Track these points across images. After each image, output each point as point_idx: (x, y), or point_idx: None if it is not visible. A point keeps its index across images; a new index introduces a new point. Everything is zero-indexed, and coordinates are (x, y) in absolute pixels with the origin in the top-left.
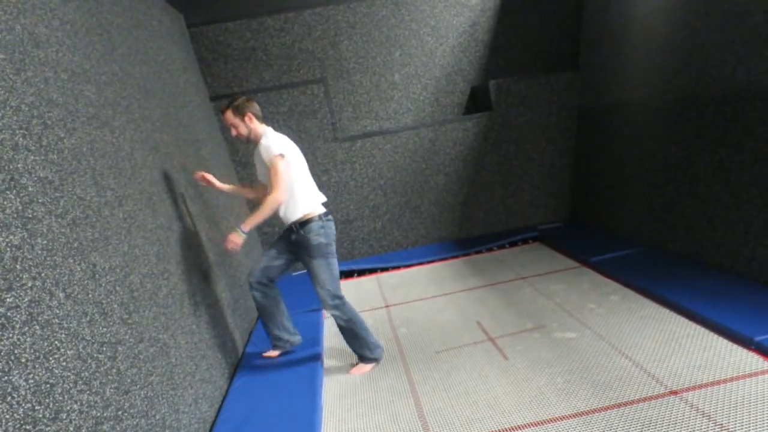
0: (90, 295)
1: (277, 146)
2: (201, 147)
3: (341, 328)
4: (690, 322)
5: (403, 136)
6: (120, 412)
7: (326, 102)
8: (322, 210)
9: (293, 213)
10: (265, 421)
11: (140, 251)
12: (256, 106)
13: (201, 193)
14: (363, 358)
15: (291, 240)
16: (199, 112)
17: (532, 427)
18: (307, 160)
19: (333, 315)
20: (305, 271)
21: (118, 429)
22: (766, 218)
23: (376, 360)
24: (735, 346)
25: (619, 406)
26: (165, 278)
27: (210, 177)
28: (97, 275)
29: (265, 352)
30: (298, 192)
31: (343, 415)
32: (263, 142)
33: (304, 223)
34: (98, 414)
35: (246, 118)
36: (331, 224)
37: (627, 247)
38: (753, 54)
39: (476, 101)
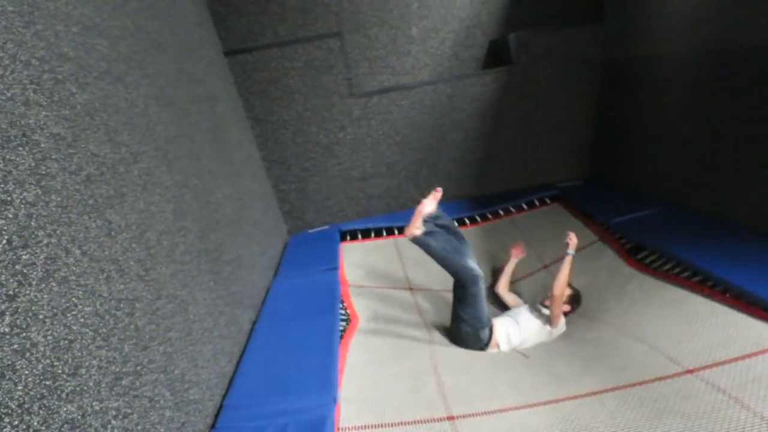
0: (106, 252)
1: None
2: (216, 103)
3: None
4: (709, 300)
5: (420, 91)
6: (139, 368)
7: (342, 57)
8: None
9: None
10: (283, 376)
11: (156, 208)
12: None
13: (218, 150)
14: None
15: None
16: (214, 68)
17: (548, 405)
18: (323, 117)
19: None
20: (324, 228)
21: (137, 384)
22: None
23: None
24: (755, 319)
25: (633, 385)
26: (182, 235)
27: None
28: (113, 232)
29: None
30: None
31: (364, 383)
32: (559, 330)
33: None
34: (117, 369)
35: (566, 306)
36: None
37: (648, 207)
38: None
39: (495, 55)
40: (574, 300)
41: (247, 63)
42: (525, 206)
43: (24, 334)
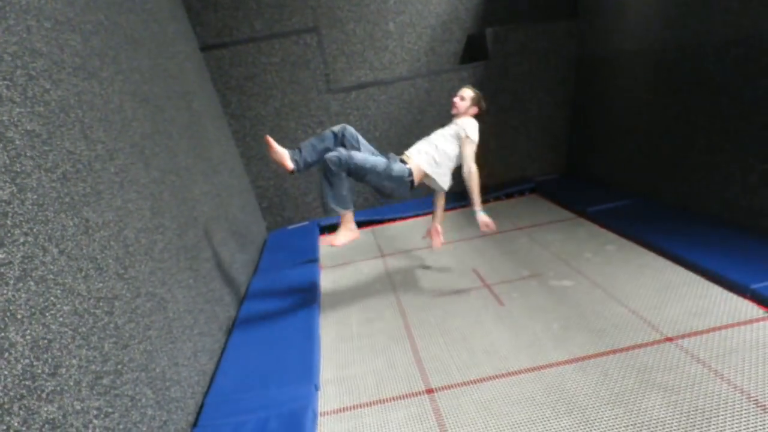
0: (84, 251)
1: (475, 134)
2: (193, 99)
3: (327, 176)
4: (686, 271)
5: (398, 86)
6: (119, 366)
7: (319, 52)
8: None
9: (446, 183)
10: (264, 369)
11: (134, 206)
12: (483, 108)
13: (195, 146)
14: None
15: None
16: (190, 63)
17: (528, 373)
18: (300, 113)
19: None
20: (304, 223)
21: (118, 382)
22: (765, 168)
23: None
24: (731, 294)
25: (614, 352)
26: (160, 233)
27: (438, 230)
28: (90, 230)
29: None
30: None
31: (341, 361)
32: (468, 123)
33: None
34: (97, 368)
35: (472, 109)
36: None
37: (624, 198)
38: (758, 0)
39: (472, 50)
40: (478, 101)
41: (223, 58)
42: (503, 197)
43: (2, 334)
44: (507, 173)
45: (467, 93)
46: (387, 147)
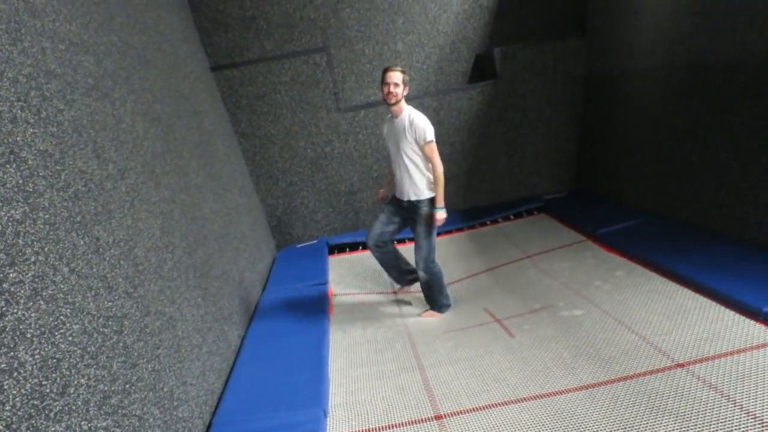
0: (94, 269)
1: (431, 132)
2: (203, 119)
3: (422, 284)
4: (697, 295)
5: None
6: (128, 386)
7: (329, 71)
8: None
9: (422, 191)
10: (273, 391)
11: (144, 224)
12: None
13: (205, 165)
14: (434, 307)
15: (402, 207)
16: (201, 83)
17: (537, 399)
18: (310, 132)
19: (420, 275)
20: (313, 242)
21: (126, 402)
22: None
23: (441, 308)
24: (743, 317)
25: (624, 379)
26: (170, 251)
27: (382, 195)
28: (101, 249)
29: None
30: (428, 174)
31: (350, 386)
32: (416, 120)
33: (422, 200)
34: (106, 388)
35: (405, 89)
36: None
37: (633, 218)
38: (765, 18)
39: (481, 69)
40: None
41: (234, 78)
42: (512, 216)
43: (11, 353)
44: (516, 191)
45: (397, 77)
46: None
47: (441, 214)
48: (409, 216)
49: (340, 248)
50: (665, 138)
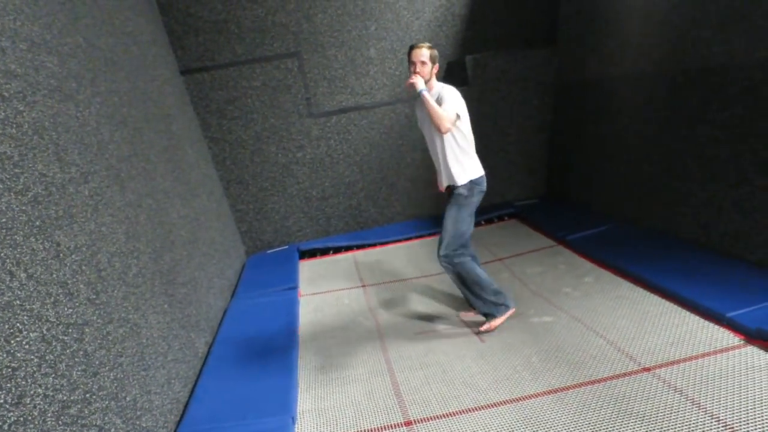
0: (54, 276)
1: (461, 104)
2: (172, 122)
3: (453, 280)
4: (663, 300)
5: (379, 111)
6: (88, 395)
7: (300, 77)
8: (482, 173)
9: (459, 176)
10: (240, 399)
11: (108, 229)
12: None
13: (173, 169)
14: (482, 310)
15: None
16: (170, 87)
17: (507, 405)
18: (281, 137)
19: (443, 266)
20: (284, 247)
21: (86, 412)
22: (739, 194)
23: (492, 315)
24: (707, 322)
25: (592, 383)
26: (135, 257)
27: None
28: (61, 254)
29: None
30: (466, 156)
31: (319, 391)
32: (444, 94)
33: (461, 185)
34: (65, 397)
35: (435, 67)
36: (483, 185)
37: (602, 224)
38: (730, 29)
39: (453, 76)
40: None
41: (204, 82)
42: (483, 222)
43: None
44: (487, 198)
45: (425, 54)
46: (367, 171)
47: (416, 81)
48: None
49: (311, 253)
50: (633, 146)
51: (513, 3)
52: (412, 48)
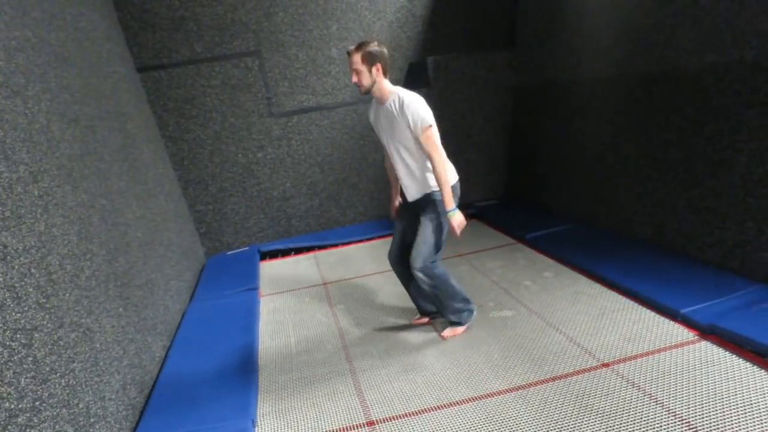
0: (1, 279)
1: (428, 117)
2: (127, 121)
3: (424, 292)
4: (620, 296)
5: (341, 111)
6: (37, 403)
7: (261, 76)
8: (457, 178)
9: (431, 185)
10: (199, 403)
11: (59, 230)
12: (386, 57)
13: (128, 169)
14: (450, 317)
15: (411, 208)
16: (125, 84)
17: (470, 403)
18: (242, 137)
19: (417, 277)
20: (244, 248)
21: (35, 420)
22: (691, 195)
23: (459, 322)
24: (663, 318)
25: (553, 379)
26: (87, 259)
27: (396, 207)
28: (8, 257)
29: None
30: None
31: (280, 393)
32: (406, 101)
33: (435, 191)
34: (11, 406)
35: (374, 69)
36: (458, 190)
37: (560, 224)
38: (681, 34)
39: (414, 78)
40: (373, 57)
41: (161, 80)
42: None
43: None
44: None
45: (356, 60)
46: (329, 171)
47: (457, 218)
48: (417, 212)
49: (272, 254)
50: (590, 148)
51: (473, 5)
52: (347, 55)
